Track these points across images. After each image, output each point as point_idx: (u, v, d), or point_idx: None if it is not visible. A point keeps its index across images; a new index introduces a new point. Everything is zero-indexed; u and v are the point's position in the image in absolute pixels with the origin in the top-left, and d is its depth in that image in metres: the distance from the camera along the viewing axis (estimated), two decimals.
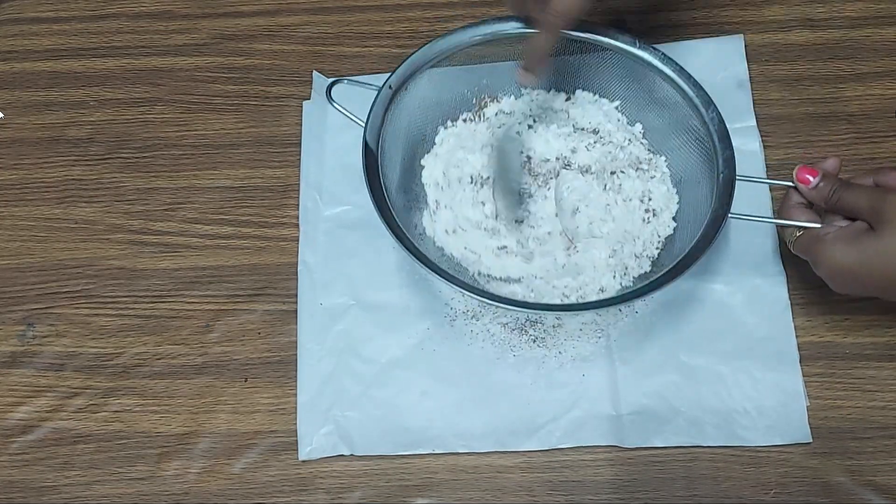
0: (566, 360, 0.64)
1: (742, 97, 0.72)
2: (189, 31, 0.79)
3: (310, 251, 0.69)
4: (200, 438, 0.64)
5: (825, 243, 0.55)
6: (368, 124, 0.62)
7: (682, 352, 0.64)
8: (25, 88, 0.77)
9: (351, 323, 0.66)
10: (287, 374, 0.66)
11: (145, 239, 0.71)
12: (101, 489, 0.63)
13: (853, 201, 0.56)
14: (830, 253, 0.55)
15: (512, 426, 0.63)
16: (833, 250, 0.55)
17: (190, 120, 0.75)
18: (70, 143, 0.75)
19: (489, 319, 0.66)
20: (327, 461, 0.63)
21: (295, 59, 0.77)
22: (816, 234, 0.57)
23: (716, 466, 0.61)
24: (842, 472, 0.61)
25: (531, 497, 0.61)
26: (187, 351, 0.67)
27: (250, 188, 0.72)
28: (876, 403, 0.62)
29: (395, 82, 0.63)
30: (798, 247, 0.58)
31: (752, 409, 0.62)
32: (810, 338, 0.64)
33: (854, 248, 0.54)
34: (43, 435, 0.65)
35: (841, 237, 0.55)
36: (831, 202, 0.57)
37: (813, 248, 0.56)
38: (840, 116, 0.71)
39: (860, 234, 0.55)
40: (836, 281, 0.56)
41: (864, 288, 0.56)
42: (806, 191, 0.58)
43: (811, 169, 0.58)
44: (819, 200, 0.58)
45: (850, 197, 0.56)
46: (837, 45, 0.74)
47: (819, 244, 0.56)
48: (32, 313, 0.69)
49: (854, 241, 0.54)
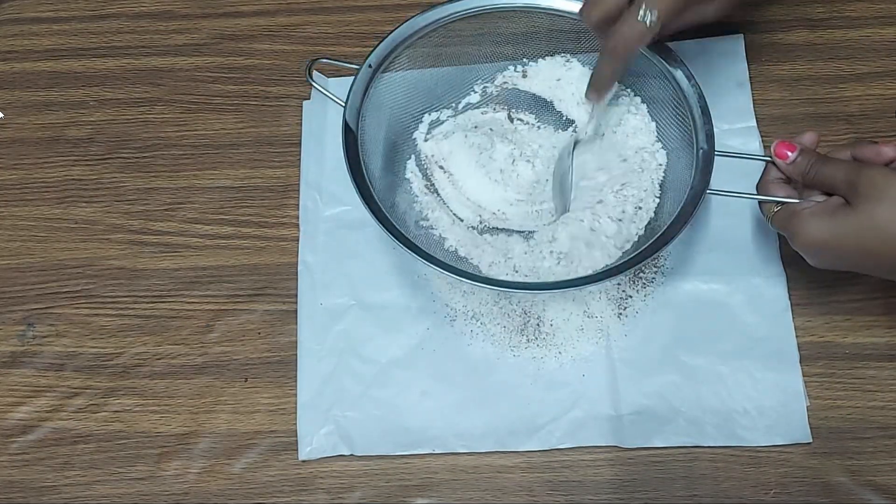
0: (566, 360, 0.64)
1: (742, 97, 0.72)
2: (189, 31, 0.79)
3: (310, 251, 0.69)
4: (200, 438, 0.64)
5: (801, 218, 0.55)
6: (348, 104, 0.62)
7: (683, 352, 0.64)
8: (25, 88, 0.77)
9: (351, 323, 0.66)
10: (287, 374, 0.66)
11: (145, 239, 0.71)
12: (101, 489, 0.63)
13: (829, 176, 0.56)
14: (807, 228, 0.55)
15: (512, 426, 0.63)
16: (809, 225, 0.55)
17: (190, 120, 0.75)
18: (70, 143, 0.75)
19: (489, 320, 0.66)
20: (327, 461, 0.63)
21: (295, 59, 0.77)
22: (794, 209, 0.56)
23: (716, 466, 0.61)
24: (842, 472, 0.61)
25: (531, 497, 0.61)
26: (187, 351, 0.67)
27: (250, 188, 0.72)
28: (876, 403, 0.62)
29: (374, 60, 0.63)
30: (776, 221, 0.58)
31: (752, 409, 0.62)
32: (810, 338, 0.64)
33: (829, 223, 0.54)
34: (43, 435, 0.65)
35: (817, 212, 0.55)
36: (808, 177, 0.57)
37: (790, 223, 0.56)
38: (840, 116, 0.71)
39: (836, 209, 0.54)
40: (813, 255, 0.56)
41: (841, 262, 0.56)
42: (784, 166, 0.58)
43: (789, 144, 0.58)
44: (796, 175, 0.58)
45: (826, 171, 0.56)
46: (837, 45, 0.74)
47: (796, 219, 0.56)
48: (32, 313, 0.69)
49: (830, 215, 0.54)
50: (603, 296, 0.65)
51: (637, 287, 0.66)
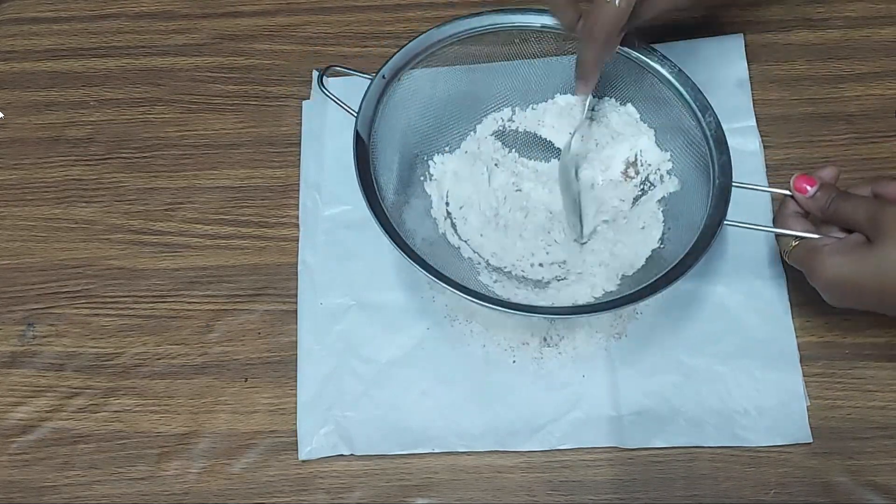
0: (566, 360, 0.64)
1: (742, 97, 0.72)
2: (189, 31, 0.79)
3: (310, 251, 0.69)
4: (200, 438, 0.64)
5: (821, 254, 0.54)
6: (360, 114, 0.61)
7: (683, 352, 0.64)
8: (25, 88, 0.77)
9: (351, 323, 0.66)
10: (287, 374, 0.66)
11: (145, 239, 0.71)
12: (101, 489, 0.63)
13: (850, 212, 0.55)
14: (827, 264, 0.54)
15: (512, 426, 0.63)
16: (829, 262, 0.54)
17: (190, 120, 0.75)
18: (70, 143, 0.75)
19: (489, 320, 0.65)
20: (327, 461, 0.63)
21: (295, 59, 0.77)
22: (813, 245, 0.56)
23: (716, 466, 0.61)
24: (842, 472, 0.61)
25: (531, 497, 0.61)
26: (187, 351, 0.67)
27: (250, 188, 0.72)
28: (876, 403, 0.62)
29: (388, 72, 0.63)
30: (794, 257, 0.57)
31: (753, 409, 0.62)
32: (810, 338, 0.64)
33: (850, 260, 0.53)
34: (43, 435, 0.65)
35: (837, 249, 0.54)
36: (828, 213, 0.56)
37: (809, 259, 0.55)
38: (840, 116, 0.71)
39: (857, 247, 0.54)
40: (832, 293, 0.55)
41: (860, 301, 0.55)
42: (803, 200, 0.57)
43: (809, 178, 0.57)
44: (816, 210, 0.57)
45: (847, 208, 0.55)
46: (837, 45, 0.74)
47: (815, 255, 0.55)
48: (32, 313, 0.69)
49: (850, 253, 0.53)
50: None
51: None
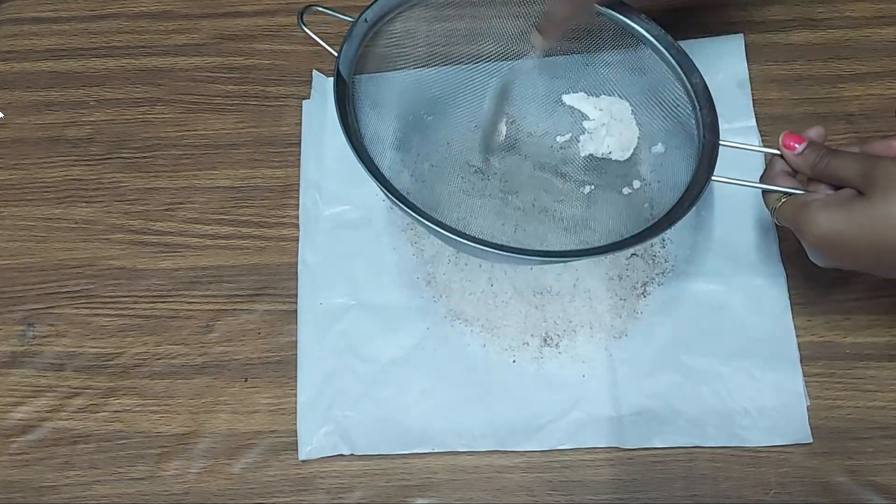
0: (566, 360, 0.64)
1: (742, 97, 0.72)
2: (189, 31, 0.79)
3: (310, 251, 0.69)
4: (200, 438, 0.64)
5: (811, 209, 0.52)
6: (341, 55, 0.60)
7: (683, 352, 0.64)
8: (25, 88, 0.77)
9: (351, 323, 0.66)
10: (287, 374, 0.66)
11: (145, 239, 0.71)
12: (101, 489, 0.63)
13: (842, 167, 0.53)
14: (817, 220, 0.52)
15: (512, 426, 0.63)
16: (820, 217, 0.52)
17: (190, 120, 0.75)
18: (70, 143, 0.75)
19: (489, 320, 0.65)
20: (327, 461, 0.63)
21: (295, 59, 0.77)
22: (802, 200, 0.53)
23: (716, 466, 0.61)
24: (842, 472, 0.61)
25: (531, 497, 0.61)
26: (187, 351, 0.67)
27: (250, 188, 0.72)
28: (876, 403, 0.62)
29: (371, 16, 0.61)
30: (781, 215, 0.55)
31: (753, 409, 0.62)
32: (810, 338, 0.64)
33: (843, 215, 0.51)
34: (43, 435, 0.65)
35: (828, 203, 0.52)
36: (818, 169, 0.54)
37: (798, 216, 0.53)
38: (840, 116, 0.71)
39: (849, 200, 0.51)
40: (822, 251, 0.53)
41: (853, 258, 0.52)
42: (791, 158, 0.56)
43: (797, 136, 0.56)
44: (805, 168, 0.55)
45: (838, 163, 0.53)
46: (837, 45, 0.74)
47: (805, 210, 0.53)
48: (32, 313, 0.69)
49: (843, 207, 0.51)
50: (603, 296, 0.65)
51: (637, 287, 0.66)
